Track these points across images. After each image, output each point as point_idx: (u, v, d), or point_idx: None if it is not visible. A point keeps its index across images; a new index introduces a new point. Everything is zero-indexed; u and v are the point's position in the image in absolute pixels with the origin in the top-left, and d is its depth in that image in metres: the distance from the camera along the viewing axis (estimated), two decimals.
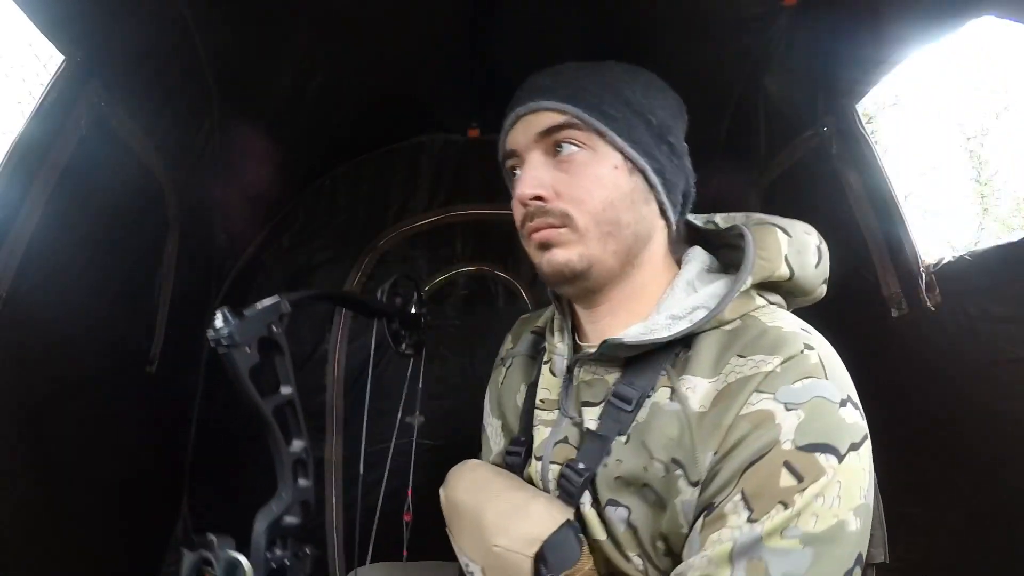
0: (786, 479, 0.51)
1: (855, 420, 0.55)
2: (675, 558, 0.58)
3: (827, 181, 1.09)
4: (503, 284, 1.65)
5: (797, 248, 0.64)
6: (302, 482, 0.67)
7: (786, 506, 0.50)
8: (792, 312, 0.66)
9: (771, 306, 0.64)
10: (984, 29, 0.76)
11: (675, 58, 1.21)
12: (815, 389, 0.54)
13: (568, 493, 0.64)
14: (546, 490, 0.69)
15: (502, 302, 1.66)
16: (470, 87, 1.42)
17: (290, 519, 0.65)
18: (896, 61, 0.95)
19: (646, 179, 0.65)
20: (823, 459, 0.51)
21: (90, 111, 0.85)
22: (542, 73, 0.68)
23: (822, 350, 0.57)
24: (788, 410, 0.53)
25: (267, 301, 0.63)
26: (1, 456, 0.83)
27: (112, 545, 1.17)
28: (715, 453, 0.55)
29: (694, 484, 0.56)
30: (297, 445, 0.67)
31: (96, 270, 0.98)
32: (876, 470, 0.85)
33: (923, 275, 0.94)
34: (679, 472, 0.57)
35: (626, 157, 0.63)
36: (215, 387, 1.49)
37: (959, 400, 0.92)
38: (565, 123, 0.63)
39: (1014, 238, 0.83)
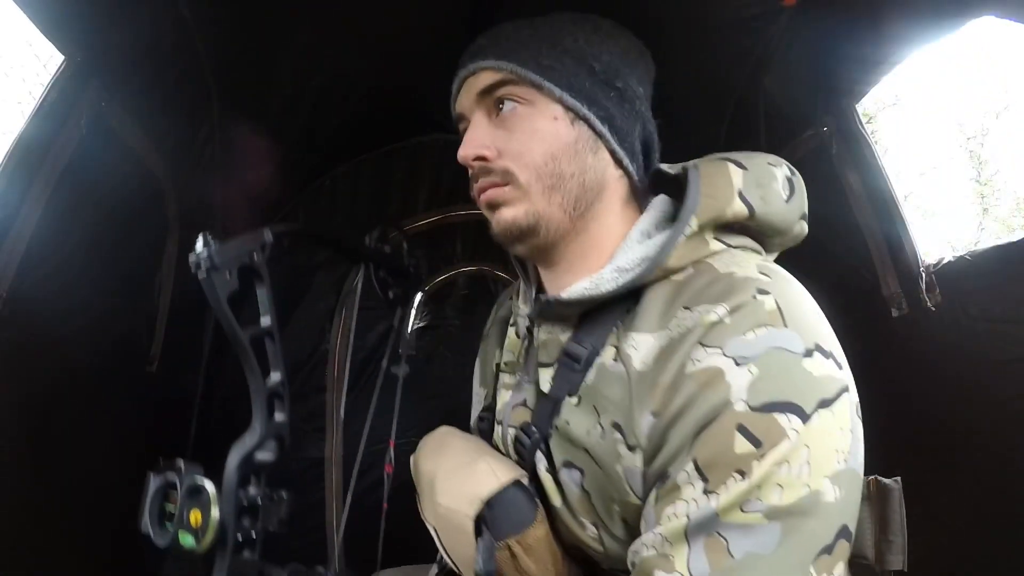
0: (741, 445, 0.45)
1: (825, 372, 0.47)
2: (630, 528, 0.54)
3: (827, 181, 1.09)
4: (503, 284, 1.65)
5: (756, 181, 0.57)
6: (278, 416, 0.65)
7: (743, 475, 0.44)
8: (775, 259, 0.61)
9: (731, 250, 0.57)
10: (984, 29, 0.76)
11: (675, 58, 1.21)
12: (770, 340, 0.47)
13: (521, 456, 0.63)
14: (508, 455, 0.67)
15: None
16: None
17: (263, 455, 0.63)
18: (896, 61, 0.95)
19: (591, 127, 0.61)
20: (784, 420, 0.45)
21: (90, 111, 0.85)
22: (483, 34, 0.65)
23: (781, 294, 0.50)
24: (738, 365, 0.46)
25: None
26: (1, 455, 0.83)
27: (112, 545, 1.17)
28: (653, 414, 0.50)
29: (631, 448, 0.52)
30: (275, 377, 0.65)
31: (96, 270, 0.98)
32: (875, 470, 0.85)
33: (923, 275, 0.94)
34: (618, 436, 0.53)
35: (567, 107, 0.60)
36: (215, 387, 1.49)
37: (959, 400, 0.92)
38: (502, 80, 0.61)
39: (1014, 238, 0.83)
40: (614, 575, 0.61)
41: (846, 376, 0.50)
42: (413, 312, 1.60)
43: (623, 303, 0.58)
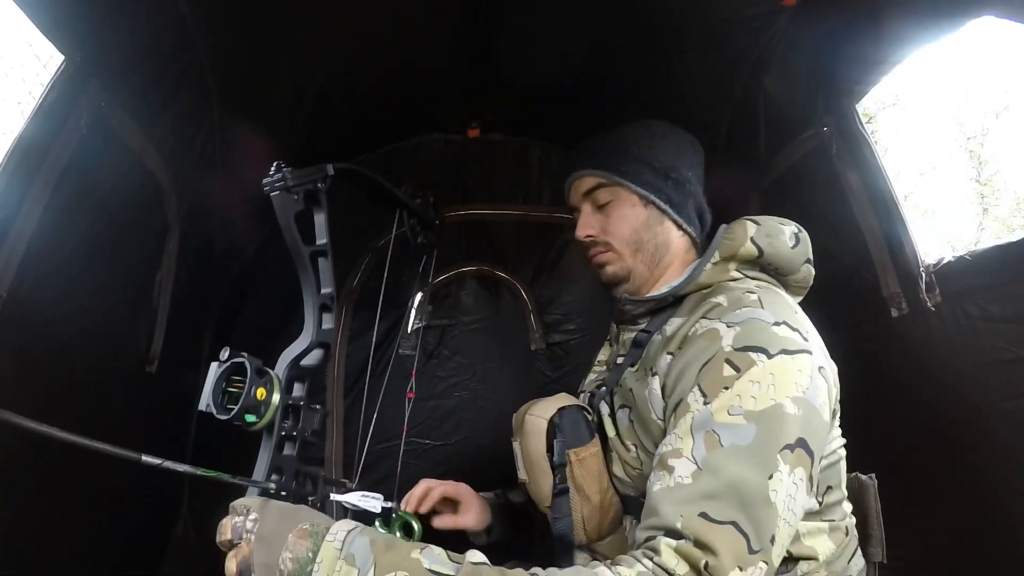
0: (727, 370, 0.68)
1: (788, 335, 0.70)
2: (653, 439, 0.77)
3: (827, 181, 1.09)
4: (503, 284, 1.66)
5: (766, 232, 0.82)
6: (326, 324, 0.75)
7: (727, 388, 0.67)
8: (798, 303, 0.82)
9: (746, 279, 0.82)
10: (984, 29, 0.76)
11: (676, 58, 1.22)
12: (751, 313, 0.72)
13: (592, 404, 0.90)
14: None
15: (502, 302, 1.66)
16: (470, 87, 1.42)
17: (310, 360, 0.73)
18: (896, 61, 0.95)
19: (657, 207, 0.90)
20: (754, 356, 0.67)
21: (90, 111, 0.86)
22: (579, 148, 0.97)
23: (764, 296, 0.75)
24: (729, 327, 0.71)
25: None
26: (2, 456, 0.83)
27: (112, 545, 1.17)
28: (669, 354, 0.76)
29: (654, 375, 0.77)
30: (326, 290, 0.75)
31: (96, 270, 0.98)
32: (876, 470, 0.85)
33: (923, 275, 0.94)
34: (650, 375, 0.78)
35: (639, 196, 0.90)
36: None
37: (959, 400, 0.93)
38: (597, 184, 0.92)
39: (1014, 238, 0.83)
40: (639, 501, 0.78)
41: (811, 347, 0.71)
42: (413, 312, 1.60)
43: (671, 308, 0.85)
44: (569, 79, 1.32)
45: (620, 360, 0.91)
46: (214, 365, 0.65)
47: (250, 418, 0.64)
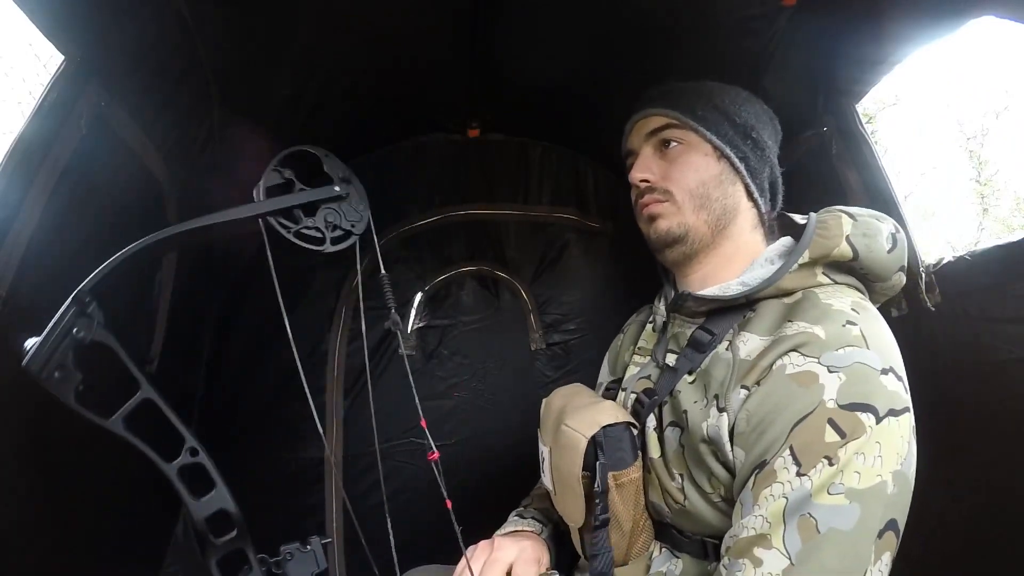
0: (830, 435, 0.56)
1: (896, 389, 0.59)
2: (712, 480, 0.67)
3: (827, 181, 1.09)
4: (503, 284, 1.65)
5: (863, 231, 0.69)
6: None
7: (831, 461, 0.55)
8: (877, 307, 0.70)
9: (836, 286, 0.70)
10: (984, 29, 0.76)
11: (675, 58, 1.21)
12: (856, 356, 0.59)
13: (637, 414, 0.77)
14: None
15: (502, 302, 1.66)
16: (470, 87, 1.42)
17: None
18: (896, 61, 0.95)
19: (731, 164, 0.79)
20: (863, 417, 0.56)
21: (90, 111, 0.85)
22: (651, 88, 0.85)
23: (866, 327, 0.62)
24: (831, 372, 0.59)
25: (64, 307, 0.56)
26: (1, 457, 0.83)
27: (112, 546, 1.17)
28: (744, 388, 0.64)
29: (720, 411, 0.65)
30: (186, 457, 0.63)
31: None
32: None
33: (923, 275, 0.94)
34: (713, 403, 0.67)
35: (714, 147, 0.78)
36: (215, 387, 1.49)
37: (959, 400, 0.92)
38: (667, 123, 0.80)
39: (1014, 238, 0.83)
40: (671, 531, 0.74)
41: (909, 401, 0.61)
42: (413, 312, 1.60)
43: (741, 310, 0.73)
44: (569, 79, 1.32)
45: (672, 361, 0.78)
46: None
47: None
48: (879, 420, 0.56)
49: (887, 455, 0.56)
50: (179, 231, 0.66)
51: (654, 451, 0.74)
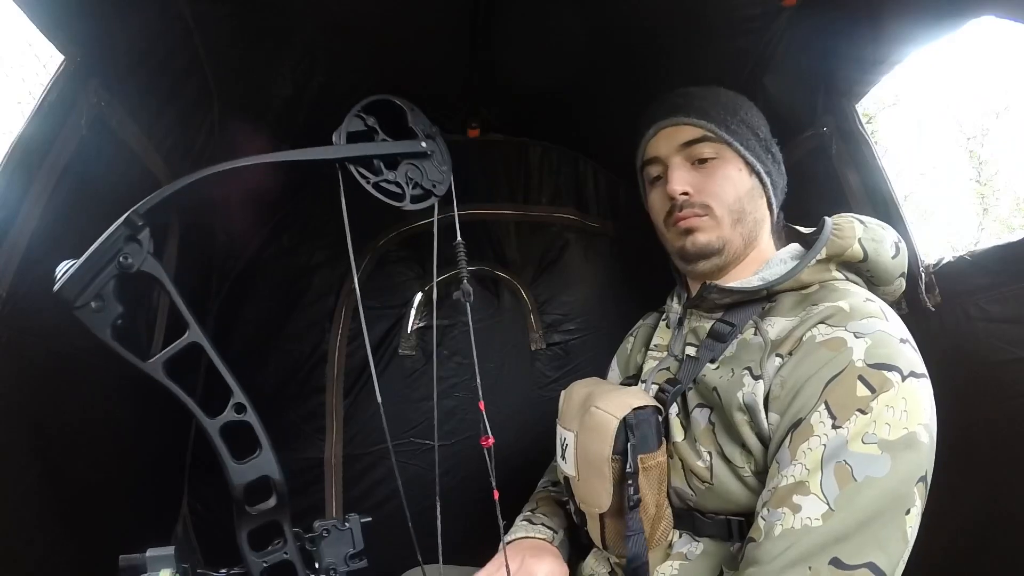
0: (861, 390, 0.61)
1: (914, 357, 0.64)
2: (745, 453, 0.69)
3: (827, 181, 1.09)
4: (503, 284, 1.65)
5: (872, 236, 0.75)
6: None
7: (864, 412, 0.60)
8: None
9: (847, 282, 0.75)
10: (984, 29, 0.76)
11: (675, 58, 1.21)
12: (878, 325, 0.65)
13: (661, 401, 0.79)
14: None
15: (502, 302, 1.66)
16: (470, 87, 1.42)
17: None
18: (896, 61, 0.95)
19: (759, 178, 0.82)
20: (889, 375, 0.61)
21: (90, 111, 0.85)
22: (672, 93, 0.85)
23: (882, 306, 0.68)
24: (857, 337, 0.63)
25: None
26: (1, 457, 0.83)
27: (112, 545, 1.17)
28: (779, 356, 0.68)
29: (756, 378, 0.69)
30: (231, 414, 0.56)
31: None
32: None
33: (923, 275, 0.94)
34: (746, 373, 0.70)
35: (746, 162, 0.81)
36: (215, 387, 1.48)
37: (959, 400, 0.92)
38: (702, 136, 0.80)
39: (1014, 238, 0.83)
40: (692, 515, 0.76)
41: (926, 372, 0.65)
42: (413, 312, 1.60)
43: (760, 303, 0.77)
44: (569, 79, 1.32)
45: (693, 352, 0.81)
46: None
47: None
48: (904, 379, 0.61)
49: (912, 410, 0.60)
50: (248, 163, 0.62)
51: (678, 435, 0.76)
